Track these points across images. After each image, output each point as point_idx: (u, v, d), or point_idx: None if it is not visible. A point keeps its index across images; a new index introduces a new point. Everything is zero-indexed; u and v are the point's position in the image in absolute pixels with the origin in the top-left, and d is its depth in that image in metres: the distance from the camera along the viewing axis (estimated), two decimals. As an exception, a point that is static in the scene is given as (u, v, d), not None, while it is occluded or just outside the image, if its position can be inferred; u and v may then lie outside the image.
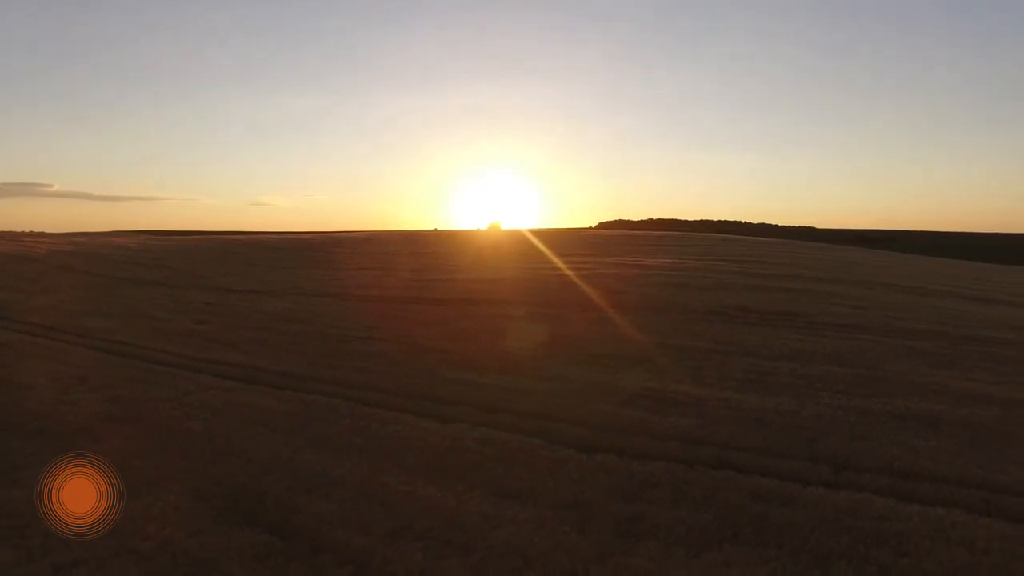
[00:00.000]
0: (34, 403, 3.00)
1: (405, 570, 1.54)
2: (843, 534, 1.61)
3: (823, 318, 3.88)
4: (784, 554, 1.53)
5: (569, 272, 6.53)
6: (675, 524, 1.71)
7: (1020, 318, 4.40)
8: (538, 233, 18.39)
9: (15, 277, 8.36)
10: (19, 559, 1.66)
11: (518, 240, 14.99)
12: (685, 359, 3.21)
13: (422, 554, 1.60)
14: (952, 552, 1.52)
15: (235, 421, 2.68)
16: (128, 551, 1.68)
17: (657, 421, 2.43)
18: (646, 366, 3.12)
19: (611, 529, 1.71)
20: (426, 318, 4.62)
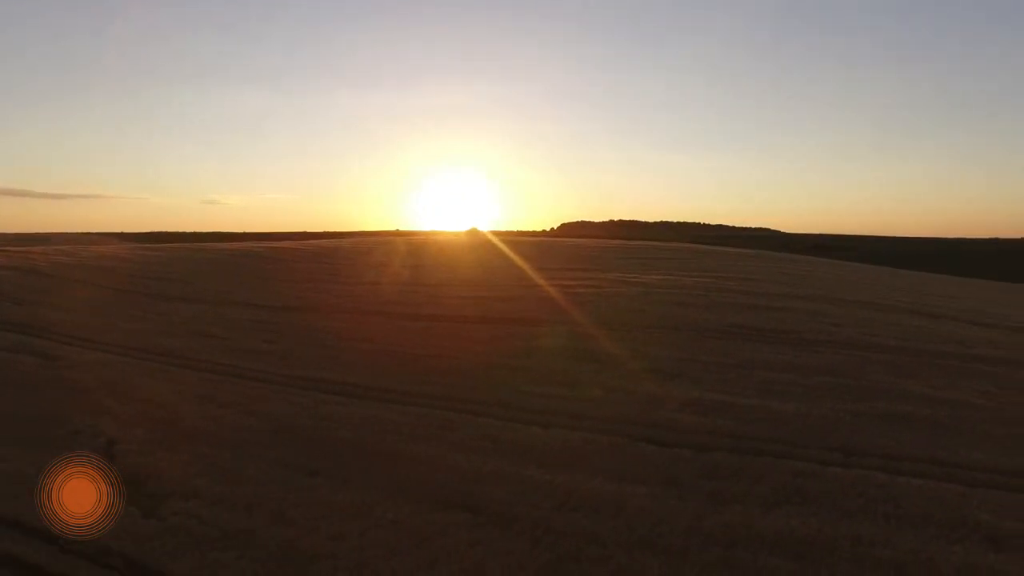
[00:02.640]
0: (190, 419, 3.60)
1: (582, 528, 2.28)
2: (858, 496, 2.43)
3: (810, 335, 4.75)
4: (823, 510, 2.34)
5: (580, 290, 7.30)
6: (744, 494, 2.50)
7: (958, 332, 5.40)
8: (517, 241, 19.04)
9: (37, 292, 8.64)
10: (298, 533, 2.34)
11: (503, 249, 15.66)
12: (711, 372, 4.02)
13: (586, 519, 2.35)
14: (927, 504, 2.36)
15: (372, 431, 3.35)
16: (375, 526, 2.37)
17: (707, 422, 3.23)
18: (683, 379, 3.92)
19: (703, 498, 2.48)
20: (475, 337, 5.32)
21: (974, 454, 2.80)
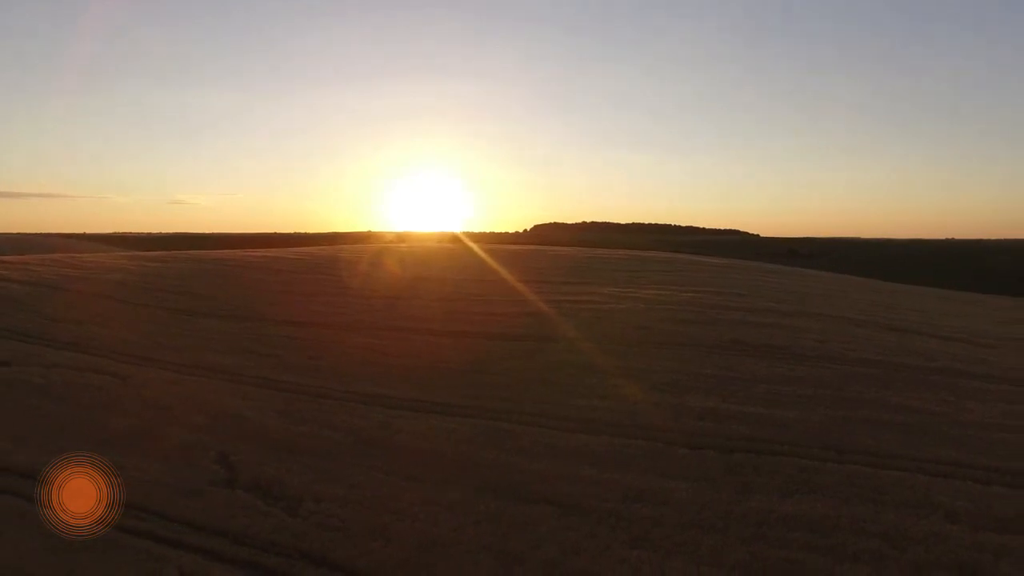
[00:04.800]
0: (279, 433, 4.15)
1: (645, 515, 2.94)
2: (851, 486, 3.14)
3: (799, 350, 5.50)
4: (825, 496, 3.04)
5: (584, 306, 7.96)
6: (764, 484, 3.19)
7: (923, 346, 6.23)
8: (501, 250, 19.55)
9: (64, 308, 8.96)
10: (424, 525, 2.94)
11: (492, 260, 16.23)
12: (721, 386, 4.73)
13: (646, 508, 3.01)
14: (902, 491, 3.08)
15: (446, 441, 3.95)
16: (482, 519, 2.99)
17: (725, 428, 3.93)
18: (698, 392, 4.61)
19: (732, 489, 3.17)
20: (504, 353, 5.94)
21: (936, 451, 3.55)
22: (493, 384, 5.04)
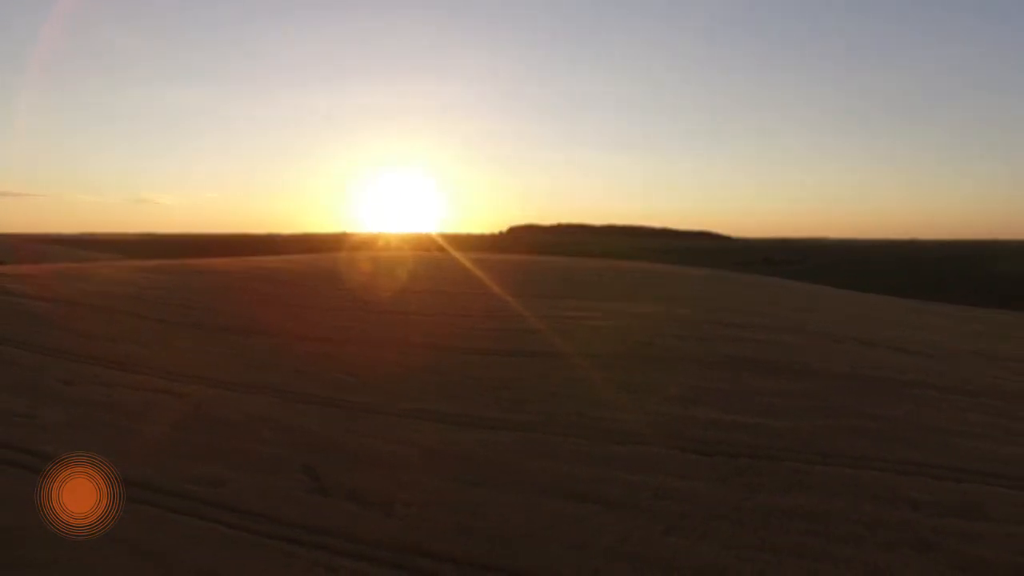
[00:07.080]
0: (349, 447, 4.77)
1: (673, 509, 3.66)
2: (838, 483, 3.90)
3: (785, 365, 6.30)
4: (816, 492, 3.79)
5: (587, 322, 8.67)
6: (766, 484, 3.94)
7: (892, 360, 7.10)
8: (489, 260, 20.11)
9: (93, 325, 9.34)
10: (499, 521, 3.62)
11: (484, 271, 16.86)
12: (721, 398, 5.49)
13: (674, 504, 3.73)
14: (876, 487, 3.86)
15: (495, 451, 4.62)
16: (547, 514, 3.68)
17: (729, 437, 4.68)
18: (701, 404, 5.36)
19: (741, 488, 3.91)
20: (523, 370, 6.62)
21: (902, 454, 4.35)
22: (521, 399, 5.73)
